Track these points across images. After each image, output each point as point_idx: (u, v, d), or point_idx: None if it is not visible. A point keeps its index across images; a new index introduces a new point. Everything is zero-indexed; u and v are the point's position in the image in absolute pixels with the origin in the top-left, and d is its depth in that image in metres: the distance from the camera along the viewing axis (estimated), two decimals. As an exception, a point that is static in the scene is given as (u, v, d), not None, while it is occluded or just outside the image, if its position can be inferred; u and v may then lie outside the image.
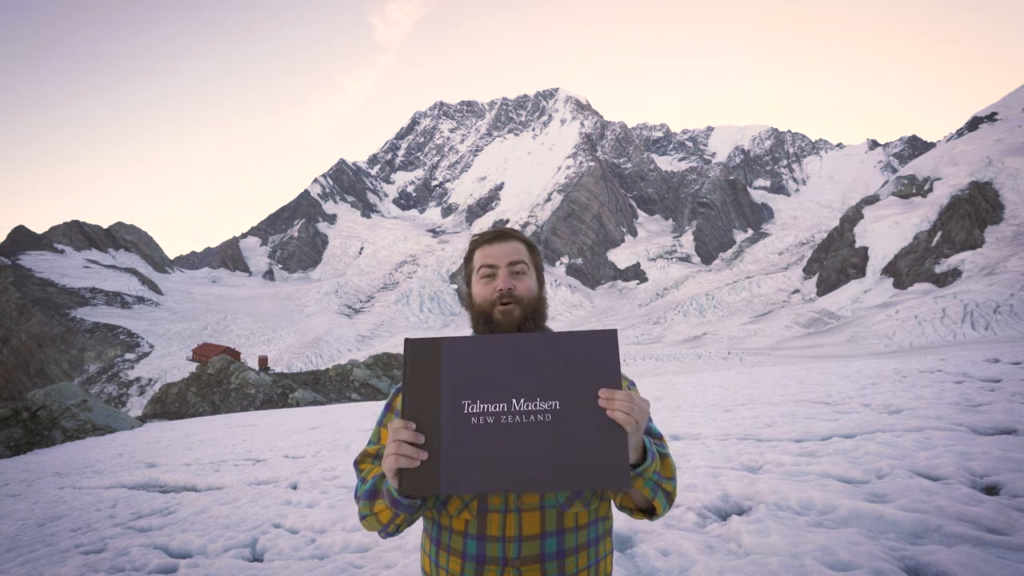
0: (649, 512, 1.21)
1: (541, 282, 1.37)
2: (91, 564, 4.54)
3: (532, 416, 1.02)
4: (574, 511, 1.17)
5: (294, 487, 6.91)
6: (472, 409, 1.03)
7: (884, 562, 2.73)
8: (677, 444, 6.34)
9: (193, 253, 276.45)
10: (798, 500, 3.78)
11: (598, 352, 1.05)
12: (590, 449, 1.00)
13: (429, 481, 1.01)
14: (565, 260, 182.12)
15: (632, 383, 1.37)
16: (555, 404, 1.02)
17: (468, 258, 1.39)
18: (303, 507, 5.72)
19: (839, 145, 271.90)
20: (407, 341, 1.08)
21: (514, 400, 1.03)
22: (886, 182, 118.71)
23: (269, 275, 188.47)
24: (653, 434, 1.34)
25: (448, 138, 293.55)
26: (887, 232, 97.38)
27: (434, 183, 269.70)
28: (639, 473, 1.11)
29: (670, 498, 1.20)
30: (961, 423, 5.44)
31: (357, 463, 1.32)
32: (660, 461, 1.20)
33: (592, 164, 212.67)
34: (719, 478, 4.60)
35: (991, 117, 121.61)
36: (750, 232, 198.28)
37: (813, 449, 5.25)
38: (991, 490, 3.62)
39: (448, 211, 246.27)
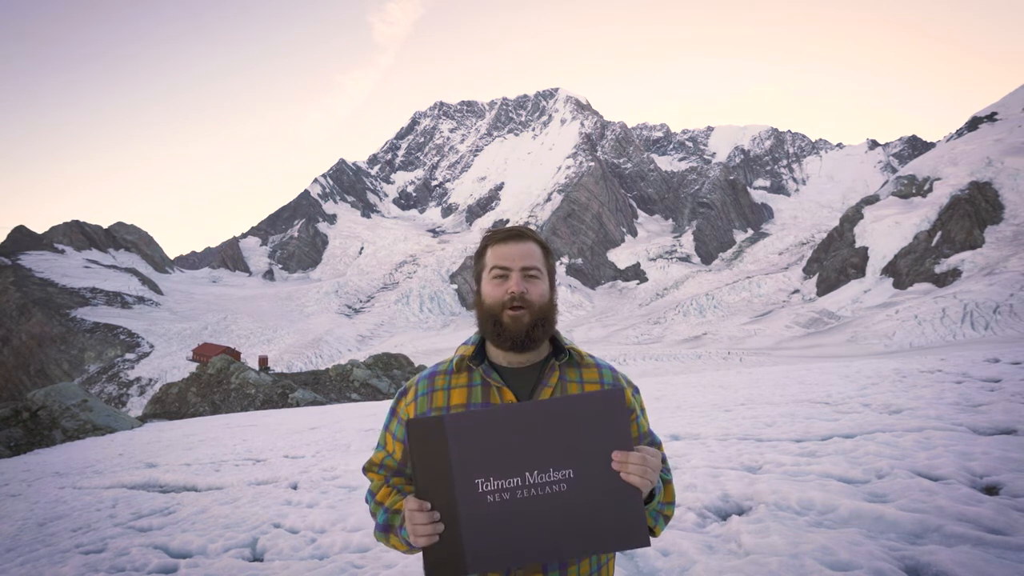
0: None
1: (553, 286, 1.34)
2: (91, 564, 4.53)
3: (548, 487, 1.02)
4: (576, 566, 1.19)
5: (294, 487, 6.90)
6: (486, 487, 1.03)
7: (884, 562, 2.73)
8: (677, 444, 6.34)
9: (193, 253, 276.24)
10: (798, 500, 3.78)
11: (606, 413, 1.04)
12: (608, 514, 1.01)
13: (455, 564, 1.02)
14: (565, 260, 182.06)
15: (636, 389, 1.38)
16: (568, 473, 1.02)
17: (480, 254, 1.34)
18: (303, 507, 5.72)
19: (839, 145, 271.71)
20: (408, 423, 1.08)
21: (527, 473, 1.02)
22: (886, 182, 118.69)
23: (269, 275, 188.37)
24: (654, 443, 1.35)
25: (448, 138, 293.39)
26: (887, 232, 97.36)
27: (434, 183, 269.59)
28: (645, 506, 1.13)
29: (668, 520, 1.24)
30: (961, 423, 5.44)
31: (366, 471, 1.37)
32: (664, 489, 1.21)
33: (592, 164, 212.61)
34: (719, 478, 4.60)
35: (991, 117, 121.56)
36: (750, 232, 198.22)
37: (813, 449, 5.25)
38: (991, 490, 3.62)
39: (448, 211, 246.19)
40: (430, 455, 1.04)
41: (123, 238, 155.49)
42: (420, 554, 1.16)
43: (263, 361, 59.59)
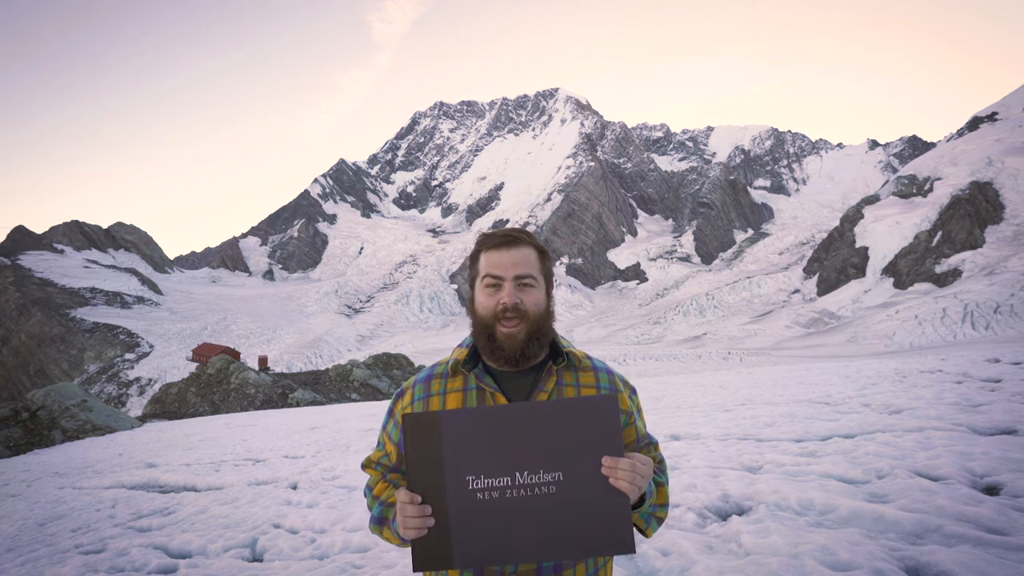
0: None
1: (550, 291, 1.31)
2: (91, 564, 4.54)
3: (536, 489, 1.04)
4: (571, 570, 1.19)
5: (294, 487, 6.90)
6: (476, 484, 1.05)
7: (884, 562, 2.72)
8: (677, 444, 6.34)
9: (193, 253, 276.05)
10: (798, 500, 3.78)
11: (598, 419, 1.05)
12: (595, 519, 1.03)
13: (442, 558, 1.05)
14: (565, 260, 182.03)
15: (633, 390, 1.37)
16: (558, 475, 1.04)
17: (474, 259, 1.31)
18: (303, 507, 5.72)
19: (839, 145, 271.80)
20: (405, 416, 1.10)
21: (517, 474, 1.05)
22: (886, 182, 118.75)
23: (269, 275, 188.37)
24: (651, 443, 1.35)
25: (448, 138, 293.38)
26: (887, 232, 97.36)
27: (434, 183, 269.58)
28: (635, 511, 1.14)
29: (660, 522, 1.24)
30: (961, 423, 5.44)
31: (364, 466, 1.39)
32: (656, 492, 1.21)
33: (592, 164, 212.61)
34: (719, 478, 4.60)
35: (991, 117, 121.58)
36: (750, 232, 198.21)
37: (813, 449, 5.25)
38: (991, 490, 3.62)
39: (448, 211, 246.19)
40: (423, 449, 1.06)
41: (123, 238, 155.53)
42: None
43: (263, 361, 59.70)
